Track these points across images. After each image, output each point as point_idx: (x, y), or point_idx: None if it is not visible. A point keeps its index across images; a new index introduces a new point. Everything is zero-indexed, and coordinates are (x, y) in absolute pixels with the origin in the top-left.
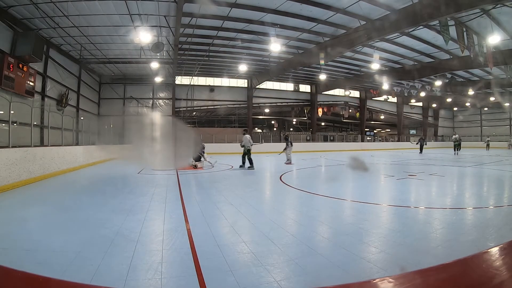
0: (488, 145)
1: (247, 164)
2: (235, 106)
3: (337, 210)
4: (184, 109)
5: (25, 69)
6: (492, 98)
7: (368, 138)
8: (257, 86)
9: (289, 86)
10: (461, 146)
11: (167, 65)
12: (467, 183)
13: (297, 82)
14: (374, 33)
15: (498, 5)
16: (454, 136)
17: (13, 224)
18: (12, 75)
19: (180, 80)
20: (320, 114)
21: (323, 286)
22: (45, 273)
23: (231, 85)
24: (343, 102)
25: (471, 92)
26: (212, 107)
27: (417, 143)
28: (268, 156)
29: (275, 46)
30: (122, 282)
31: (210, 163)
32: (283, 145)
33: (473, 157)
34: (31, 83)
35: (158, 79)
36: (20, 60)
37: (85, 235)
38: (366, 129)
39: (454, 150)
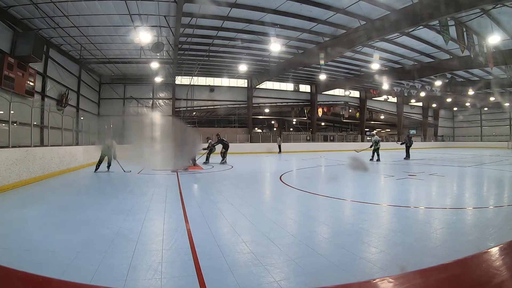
0: None
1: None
2: (235, 106)
3: (337, 210)
4: (184, 109)
5: (25, 69)
6: (492, 98)
7: (368, 138)
8: (257, 86)
9: (289, 86)
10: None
11: (167, 65)
12: (467, 183)
13: (297, 82)
14: (374, 33)
15: (498, 5)
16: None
17: (13, 224)
18: (12, 75)
19: (180, 80)
20: (320, 114)
21: (323, 286)
22: (45, 273)
23: (231, 85)
24: (343, 102)
25: (471, 92)
26: (212, 107)
27: (401, 143)
28: (268, 156)
29: (275, 46)
30: (122, 282)
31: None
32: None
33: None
34: (31, 83)
35: (158, 79)
36: (20, 60)
37: (85, 235)
38: (366, 129)
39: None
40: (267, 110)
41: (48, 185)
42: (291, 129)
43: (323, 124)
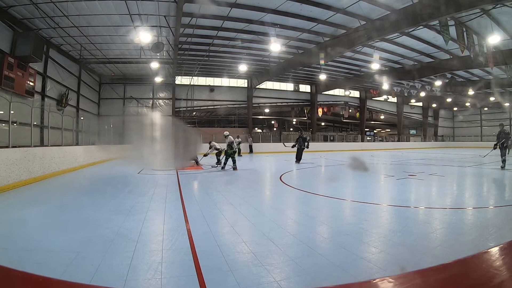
0: None
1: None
2: (235, 106)
3: (337, 210)
4: (184, 109)
5: (25, 69)
6: (492, 98)
7: (368, 138)
8: (257, 86)
9: (289, 86)
10: None
11: (167, 65)
12: (467, 183)
13: (297, 82)
14: (374, 33)
15: (498, 5)
16: (237, 140)
17: (13, 224)
18: (12, 75)
19: (180, 80)
20: (320, 114)
21: (323, 286)
22: (45, 273)
23: (231, 85)
24: (343, 102)
25: (471, 92)
26: (212, 107)
27: (293, 146)
28: (268, 156)
29: (275, 46)
30: (122, 282)
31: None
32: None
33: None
34: (31, 83)
35: (158, 79)
36: (20, 60)
37: (85, 235)
38: (366, 129)
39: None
40: (267, 110)
41: (48, 185)
42: (291, 129)
43: (323, 124)
